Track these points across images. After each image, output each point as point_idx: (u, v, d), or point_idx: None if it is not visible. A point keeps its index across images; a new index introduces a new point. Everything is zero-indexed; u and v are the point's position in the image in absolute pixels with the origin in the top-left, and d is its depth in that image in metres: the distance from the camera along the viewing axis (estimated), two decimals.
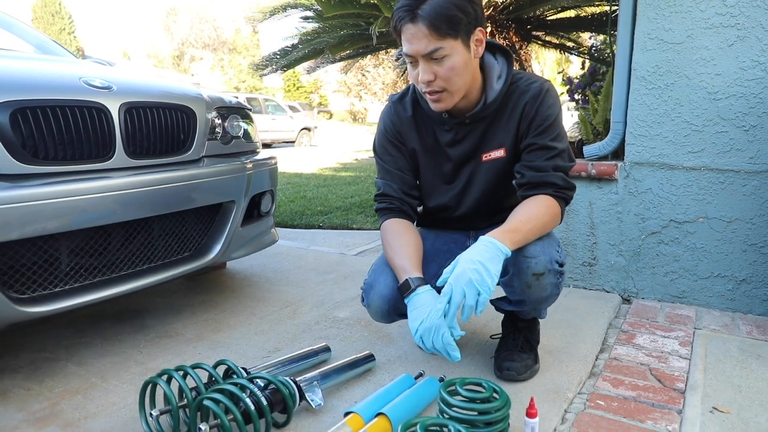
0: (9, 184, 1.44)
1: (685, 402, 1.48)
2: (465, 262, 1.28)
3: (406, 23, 1.34)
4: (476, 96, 1.49)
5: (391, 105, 1.63)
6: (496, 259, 1.28)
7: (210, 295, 2.40)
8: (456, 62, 1.37)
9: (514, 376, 1.56)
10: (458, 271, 1.27)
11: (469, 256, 1.29)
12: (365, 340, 1.89)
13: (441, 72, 1.37)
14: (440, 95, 1.41)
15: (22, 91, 1.54)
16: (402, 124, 1.60)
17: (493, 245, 1.30)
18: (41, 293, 1.57)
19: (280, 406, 1.33)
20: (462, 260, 1.29)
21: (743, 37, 2.03)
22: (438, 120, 1.55)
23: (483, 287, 1.25)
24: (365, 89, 30.43)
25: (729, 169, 2.11)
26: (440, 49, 1.33)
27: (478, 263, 1.26)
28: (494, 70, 1.50)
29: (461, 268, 1.27)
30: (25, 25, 2.78)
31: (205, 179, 1.96)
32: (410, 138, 1.61)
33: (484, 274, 1.25)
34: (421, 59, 1.36)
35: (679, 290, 2.26)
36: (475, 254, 1.28)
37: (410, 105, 1.59)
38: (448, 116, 1.52)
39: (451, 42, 1.34)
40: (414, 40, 1.34)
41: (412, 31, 1.33)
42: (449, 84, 1.39)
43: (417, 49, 1.35)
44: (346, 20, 4.26)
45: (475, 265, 1.26)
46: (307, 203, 5.12)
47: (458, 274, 1.27)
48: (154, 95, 1.89)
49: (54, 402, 1.49)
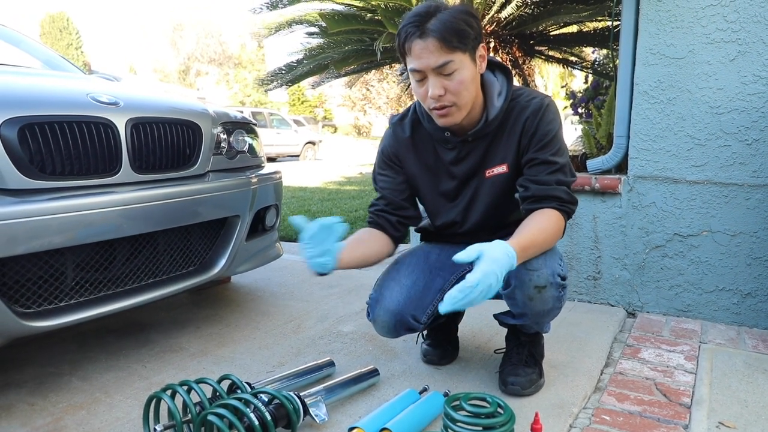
0: (16, 199, 1.46)
1: (691, 417, 1.47)
2: (491, 264, 1.23)
3: (415, 39, 1.35)
4: (478, 113, 1.50)
5: (390, 127, 1.66)
6: (505, 271, 1.27)
7: (214, 309, 2.40)
8: (465, 76, 1.38)
9: (519, 390, 1.55)
10: (485, 271, 1.22)
11: (493, 257, 1.24)
12: (369, 355, 1.89)
13: (451, 86, 1.38)
14: (449, 109, 1.42)
15: (30, 107, 1.56)
16: (399, 146, 1.63)
17: (511, 258, 1.27)
18: (46, 308, 1.58)
19: (284, 422, 1.32)
20: (486, 259, 1.24)
21: (744, 52, 2.04)
22: (440, 139, 1.56)
23: (489, 294, 1.23)
24: (370, 103, 30.58)
25: (732, 183, 2.11)
26: (451, 63, 1.35)
27: (498, 271, 1.23)
28: (494, 87, 1.51)
29: (487, 269, 1.22)
30: (33, 41, 2.82)
31: (210, 194, 1.97)
32: (407, 160, 1.63)
33: (494, 285, 1.23)
34: (431, 74, 1.37)
35: (684, 304, 2.25)
36: (497, 261, 1.24)
37: (409, 126, 1.61)
38: (451, 135, 1.53)
39: (460, 55, 1.35)
40: (424, 54, 1.35)
41: (422, 46, 1.34)
42: (459, 98, 1.40)
43: (428, 63, 1.35)
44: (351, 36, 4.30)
45: (496, 272, 1.22)
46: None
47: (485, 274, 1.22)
48: (161, 111, 1.91)
49: (58, 417, 1.49)
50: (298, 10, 4.67)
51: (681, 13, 2.13)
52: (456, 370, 1.75)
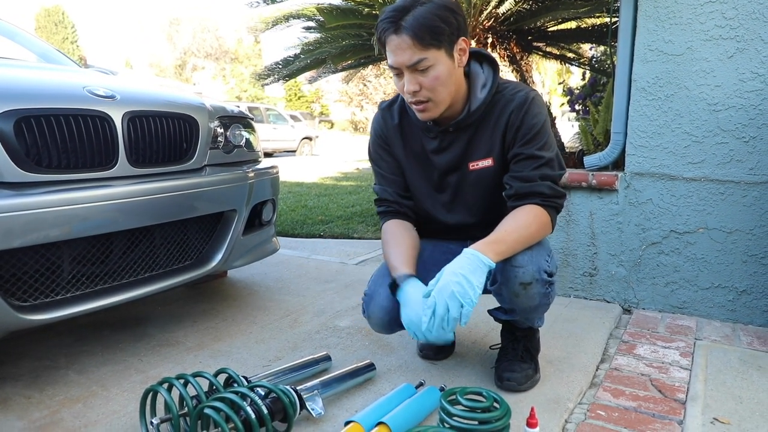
0: (12, 192, 1.45)
1: (686, 413, 1.47)
2: (448, 275, 1.30)
3: (390, 35, 1.36)
4: (461, 105, 1.50)
5: (379, 112, 1.66)
6: (478, 271, 1.30)
7: (211, 303, 2.40)
8: (440, 72, 1.38)
9: (515, 386, 1.56)
10: (441, 284, 1.30)
11: (452, 268, 1.31)
12: (366, 350, 1.89)
13: (426, 82, 1.38)
14: (426, 105, 1.43)
15: (26, 99, 1.55)
16: (388, 131, 1.63)
17: (476, 257, 1.32)
18: (43, 301, 1.58)
19: (281, 415, 1.33)
20: (445, 273, 1.32)
21: (742, 49, 2.05)
22: (423, 128, 1.57)
23: (465, 299, 1.27)
24: (366, 99, 30.56)
25: (729, 180, 2.12)
26: (424, 60, 1.35)
27: (460, 276, 1.28)
28: (479, 78, 1.51)
29: (444, 281, 1.30)
30: (29, 35, 2.80)
31: (207, 188, 1.96)
32: (395, 146, 1.63)
33: (466, 287, 1.27)
34: (406, 70, 1.38)
35: (680, 301, 2.26)
36: (458, 267, 1.31)
37: (397, 113, 1.62)
38: (433, 124, 1.54)
39: (434, 52, 1.36)
40: (398, 51, 1.36)
41: (396, 42, 1.35)
42: (434, 94, 1.41)
43: (402, 61, 1.37)
44: (348, 31, 4.28)
45: (457, 278, 1.28)
46: (308, 212, 5.12)
47: (441, 287, 1.29)
48: (157, 104, 1.90)
49: (54, 410, 1.49)
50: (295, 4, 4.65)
51: (679, 9, 2.13)
52: (452, 366, 1.75)
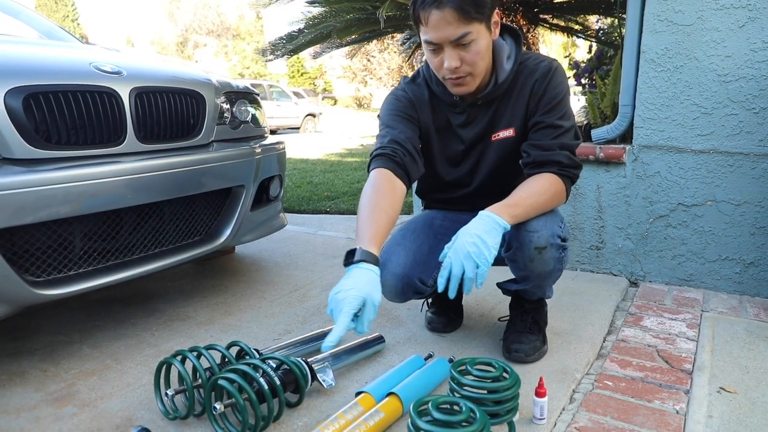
0: (23, 169, 1.46)
1: (693, 382, 1.49)
2: (464, 236, 1.30)
3: (431, 9, 1.31)
4: (488, 77, 1.49)
5: (404, 84, 1.63)
6: (493, 232, 1.30)
7: (220, 279, 2.42)
8: (481, 47, 1.37)
9: (523, 357, 1.58)
10: (457, 245, 1.30)
11: (467, 230, 1.32)
12: (374, 323, 1.91)
13: (468, 57, 1.36)
14: (464, 79, 1.41)
15: (34, 76, 1.54)
16: (419, 101, 1.59)
17: (491, 218, 1.32)
18: (56, 276, 1.60)
19: (293, 387, 1.35)
20: (461, 234, 1.32)
21: (754, 18, 2.01)
22: (450, 103, 1.55)
23: (481, 260, 1.27)
24: (370, 74, 30.29)
25: (738, 152, 2.11)
26: (469, 34, 1.33)
27: (476, 236, 1.29)
28: (504, 50, 1.50)
29: (460, 242, 1.30)
30: (32, 12, 2.78)
31: (214, 164, 1.97)
32: (425, 115, 1.59)
33: (481, 247, 1.27)
34: (448, 46, 1.35)
35: (687, 273, 2.27)
36: (473, 228, 1.31)
37: (425, 87, 1.59)
38: (460, 98, 1.52)
39: (477, 26, 1.33)
40: (441, 25, 1.32)
41: (438, 17, 1.31)
42: (474, 68, 1.39)
43: (445, 36, 1.33)
44: (353, 4, 4.24)
45: (473, 239, 1.28)
46: (314, 189, 5.13)
47: (457, 248, 1.30)
48: (164, 80, 1.89)
49: (70, 383, 1.52)
50: None
51: None
52: (460, 338, 1.77)
